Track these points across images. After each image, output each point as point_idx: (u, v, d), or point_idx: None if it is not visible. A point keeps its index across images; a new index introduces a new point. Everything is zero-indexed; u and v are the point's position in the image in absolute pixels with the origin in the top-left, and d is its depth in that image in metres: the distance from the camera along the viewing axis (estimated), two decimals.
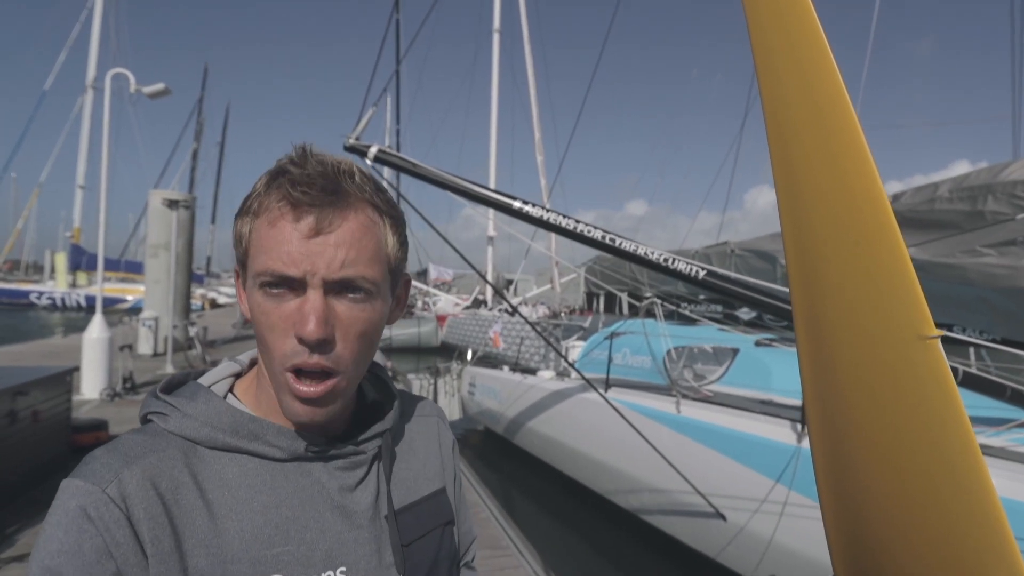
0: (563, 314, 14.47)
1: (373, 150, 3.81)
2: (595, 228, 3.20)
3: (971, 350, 4.82)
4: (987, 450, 3.31)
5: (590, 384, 5.07)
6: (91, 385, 7.98)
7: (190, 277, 13.49)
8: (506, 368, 8.56)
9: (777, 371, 5.23)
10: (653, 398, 5.20)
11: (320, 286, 0.60)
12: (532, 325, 4.05)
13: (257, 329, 0.63)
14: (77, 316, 28.22)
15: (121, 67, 9.57)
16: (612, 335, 6.43)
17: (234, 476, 0.63)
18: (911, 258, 0.44)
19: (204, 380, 0.70)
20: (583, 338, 8.47)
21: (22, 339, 15.55)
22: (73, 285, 32.67)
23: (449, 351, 13.24)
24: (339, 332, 0.62)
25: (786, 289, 3.85)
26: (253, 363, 0.74)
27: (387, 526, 0.70)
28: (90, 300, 29.80)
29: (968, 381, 4.61)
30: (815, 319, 0.53)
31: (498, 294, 15.50)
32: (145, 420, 0.66)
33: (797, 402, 4.13)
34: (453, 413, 9.57)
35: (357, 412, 0.75)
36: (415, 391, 9.31)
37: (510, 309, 12.72)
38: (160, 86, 9.59)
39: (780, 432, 4.12)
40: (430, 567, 0.74)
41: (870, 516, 0.54)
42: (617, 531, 5.76)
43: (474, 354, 10.47)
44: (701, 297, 9.40)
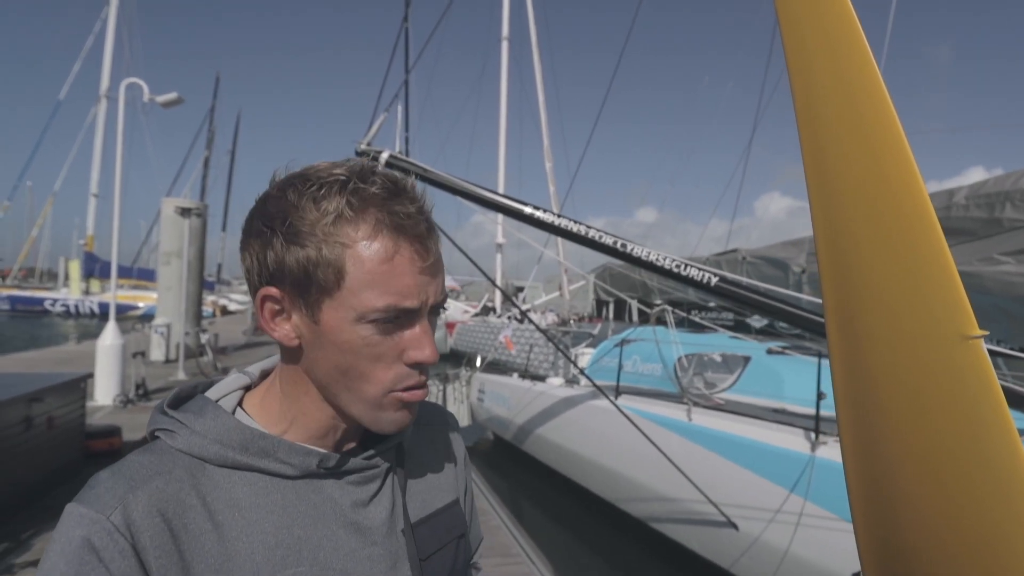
0: (572, 321, 14.43)
1: (384, 155, 3.83)
2: (607, 234, 3.19)
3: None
4: None
5: (600, 391, 5.03)
6: (104, 391, 8.05)
7: (202, 284, 13.59)
8: (515, 375, 8.54)
9: (789, 379, 5.18)
10: (664, 405, 5.17)
11: (427, 312, 0.62)
12: (543, 331, 4.04)
13: (353, 360, 0.61)
14: (90, 323, 28.49)
15: (134, 77, 9.70)
16: (622, 342, 6.40)
17: (244, 496, 0.61)
18: None
19: (212, 394, 0.67)
20: (592, 345, 8.44)
21: (37, 346, 15.72)
22: (87, 292, 33.02)
23: (458, 358, 13.24)
24: None
25: (799, 295, 3.82)
26: (264, 375, 0.72)
27: (404, 540, 0.69)
28: (103, 307, 30.08)
29: None
30: (849, 318, 0.50)
31: (508, 300, 15.49)
32: (152, 436, 0.64)
33: (810, 411, 4.09)
34: (462, 420, 9.56)
35: None
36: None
37: (519, 316, 12.70)
38: (173, 95, 9.70)
39: (793, 441, 4.07)
40: None
41: (907, 524, 0.52)
42: (627, 539, 5.71)
43: (483, 361, 10.46)
44: (712, 305, 9.36)
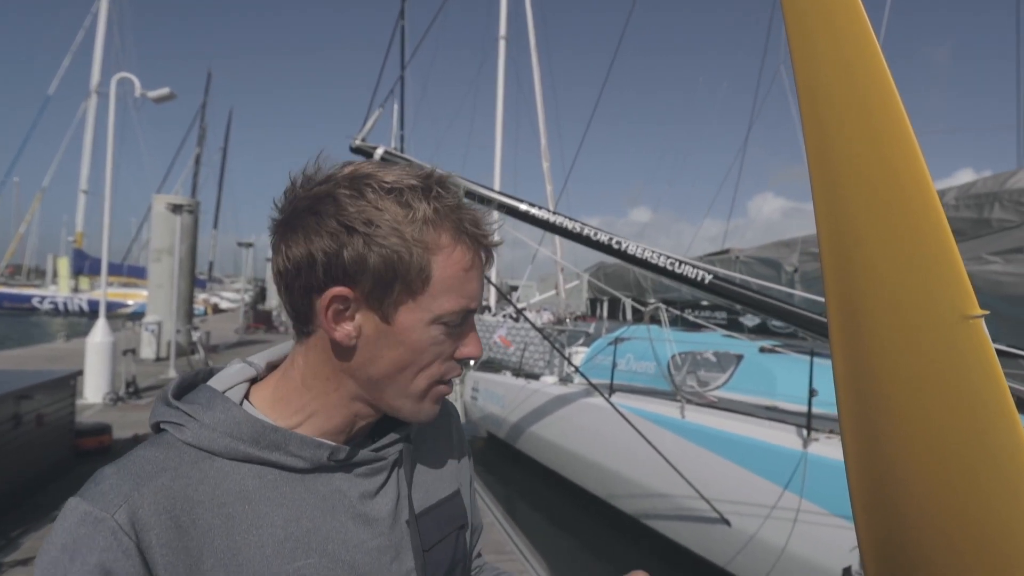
0: (568, 320, 14.44)
1: (379, 151, 3.82)
2: (601, 231, 3.20)
3: None
4: None
5: (595, 388, 5.05)
6: (94, 389, 7.99)
7: (193, 282, 13.52)
8: (509, 373, 8.54)
9: (781, 377, 5.21)
10: (657, 403, 5.18)
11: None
12: (539, 329, 4.05)
13: (416, 358, 0.64)
14: (79, 321, 28.26)
15: (126, 72, 9.62)
16: (616, 340, 6.42)
17: (254, 488, 0.61)
18: None
19: (217, 384, 0.66)
20: (587, 344, 8.45)
21: (24, 343, 15.57)
22: (75, 290, 32.70)
23: None
24: None
25: (792, 291, 3.85)
26: (271, 368, 0.71)
27: (408, 531, 0.69)
28: (92, 305, 29.80)
29: None
30: (849, 301, 0.50)
31: (503, 298, 15.49)
32: (157, 428, 0.63)
33: (802, 408, 4.12)
34: None
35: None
36: None
37: (514, 314, 12.70)
38: (165, 91, 9.63)
39: (786, 438, 4.10)
40: (447, 571, 0.73)
41: (908, 511, 0.52)
42: (621, 536, 5.73)
43: (477, 359, 10.44)
44: (705, 303, 9.39)
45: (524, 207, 3.28)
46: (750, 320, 7.92)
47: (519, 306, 10.60)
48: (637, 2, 8.24)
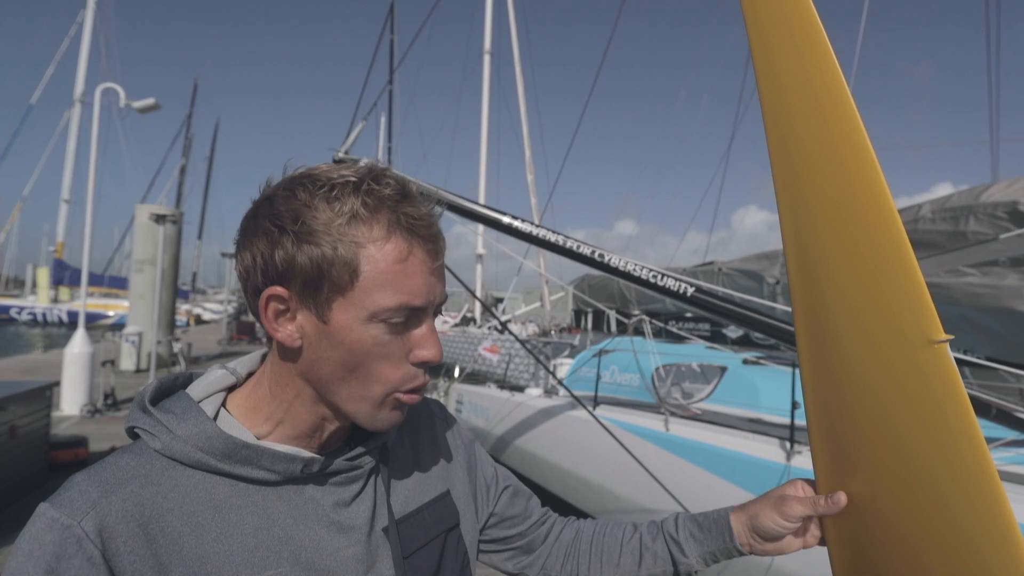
0: (553, 331, 14.46)
1: (363, 163, 3.80)
2: (584, 244, 3.21)
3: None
4: None
5: (578, 401, 5.04)
6: (71, 401, 7.85)
7: (175, 293, 13.36)
8: (494, 385, 8.51)
9: (765, 389, 5.24)
10: (641, 416, 5.19)
11: (433, 312, 0.63)
12: (522, 343, 4.04)
13: (361, 360, 0.61)
14: (58, 332, 27.82)
15: (110, 82, 9.56)
16: (600, 352, 6.43)
17: (225, 496, 0.61)
18: None
19: (195, 392, 0.65)
20: (572, 355, 8.45)
21: (1, 354, 15.27)
22: (55, 300, 32.22)
23: (437, 368, 13.15)
24: None
25: (774, 304, 3.89)
26: (249, 374, 0.71)
27: (386, 538, 0.68)
28: (72, 315, 29.37)
29: None
30: (817, 324, 0.50)
31: (487, 310, 15.49)
32: (132, 432, 0.63)
33: (785, 420, 4.14)
34: None
35: (354, 424, 0.73)
36: None
37: (499, 327, 12.69)
38: (150, 101, 9.58)
39: (769, 451, 4.11)
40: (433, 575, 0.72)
41: (876, 530, 0.52)
42: None
43: (462, 371, 10.42)
44: (689, 315, 9.44)
45: (507, 220, 3.28)
46: (734, 332, 7.97)
47: (503, 319, 10.59)
48: (621, 16, 8.34)
